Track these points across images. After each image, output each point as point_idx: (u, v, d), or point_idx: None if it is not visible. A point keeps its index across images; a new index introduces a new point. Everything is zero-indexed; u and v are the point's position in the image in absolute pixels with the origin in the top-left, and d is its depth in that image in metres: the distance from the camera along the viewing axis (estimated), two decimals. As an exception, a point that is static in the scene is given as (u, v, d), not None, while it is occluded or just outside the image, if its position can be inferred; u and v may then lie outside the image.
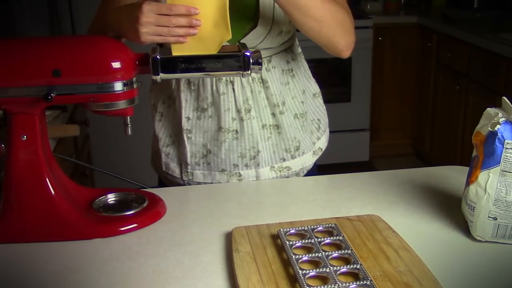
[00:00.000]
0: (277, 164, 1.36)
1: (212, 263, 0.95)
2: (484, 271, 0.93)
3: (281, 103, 1.33)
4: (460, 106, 3.15)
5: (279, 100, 1.32)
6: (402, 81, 3.78)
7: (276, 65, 1.32)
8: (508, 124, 0.96)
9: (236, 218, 1.11)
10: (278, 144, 1.35)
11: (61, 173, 1.10)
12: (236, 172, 1.34)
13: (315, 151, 1.43)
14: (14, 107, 1.01)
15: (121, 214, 1.09)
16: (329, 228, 1.00)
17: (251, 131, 1.31)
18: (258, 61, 1.08)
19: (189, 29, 1.05)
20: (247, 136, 1.31)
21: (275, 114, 1.33)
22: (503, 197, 0.97)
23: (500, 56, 2.71)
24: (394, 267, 0.90)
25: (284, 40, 1.32)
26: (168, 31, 1.04)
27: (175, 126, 1.36)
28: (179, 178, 1.38)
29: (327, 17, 1.17)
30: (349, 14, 1.25)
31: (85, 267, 0.96)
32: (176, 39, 1.06)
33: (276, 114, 1.33)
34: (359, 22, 3.62)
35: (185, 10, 1.04)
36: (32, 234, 1.04)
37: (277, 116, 1.33)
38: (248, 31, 1.25)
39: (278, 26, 1.26)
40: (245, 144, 1.32)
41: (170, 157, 1.39)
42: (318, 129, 1.45)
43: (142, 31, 1.04)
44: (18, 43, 1.06)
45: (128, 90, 1.03)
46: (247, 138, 1.31)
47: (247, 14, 1.25)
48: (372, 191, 1.21)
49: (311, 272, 0.86)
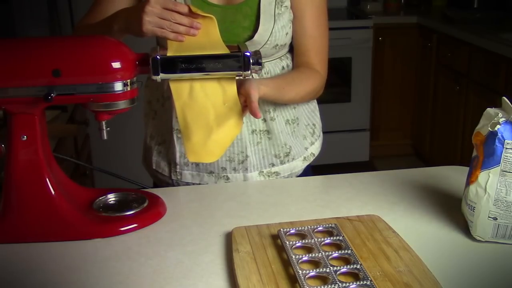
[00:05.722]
0: (265, 169, 1.36)
1: (212, 263, 0.95)
2: (484, 271, 0.93)
3: (272, 109, 1.33)
4: (460, 106, 3.15)
5: (270, 106, 1.33)
6: (402, 81, 3.78)
7: (269, 71, 1.32)
8: (508, 124, 0.96)
9: (236, 218, 1.11)
10: (268, 149, 1.35)
11: (61, 173, 1.10)
12: (224, 175, 1.34)
13: (307, 156, 1.42)
14: (14, 107, 1.01)
15: (121, 214, 1.09)
16: (329, 228, 1.00)
17: (239, 136, 1.31)
18: (258, 61, 1.08)
19: (190, 28, 1.07)
20: (236, 141, 1.31)
21: (265, 119, 1.33)
22: (503, 197, 0.97)
23: (500, 56, 2.71)
24: (394, 267, 0.90)
25: (279, 53, 1.33)
26: (170, 25, 1.07)
27: (167, 125, 1.37)
28: (168, 177, 1.38)
29: (301, 96, 1.32)
30: (320, 73, 1.34)
31: (85, 267, 0.96)
32: (175, 36, 1.08)
33: (267, 119, 1.33)
34: (359, 22, 3.62)
35: (188, 10, 1.09)
36: (32, 234, 1.04)
37: (267, 122, 1.33)
38: (244, 41, 1.26)
39: (274, 40, 1.28)
40: (234, 148, 1.32)
41: (161, 156, 1.39)
42: (312, 134, 1.44)
43: (146, 19, 1.07)
44: (18, 43, 1.06)
45: (128, 90, 1.03)
46: (235, 143, 1.32)
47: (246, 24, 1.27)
48: (372, 191, 1.21)
49: (311, 272, 0.86)
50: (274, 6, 1.27)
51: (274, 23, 1.27)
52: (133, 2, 1.26)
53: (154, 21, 1.07)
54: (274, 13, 1.27)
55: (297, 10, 1.30)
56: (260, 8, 1.26)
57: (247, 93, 1.11)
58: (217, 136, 1.08)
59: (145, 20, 1.08)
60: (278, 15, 1.27)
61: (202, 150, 1.08)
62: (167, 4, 1.08)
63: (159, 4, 1.08)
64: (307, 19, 1.30)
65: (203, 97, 1.08)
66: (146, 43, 1.22)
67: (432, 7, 3.95)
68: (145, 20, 1.08)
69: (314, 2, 1.30)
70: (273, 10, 1.27)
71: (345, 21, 3.67)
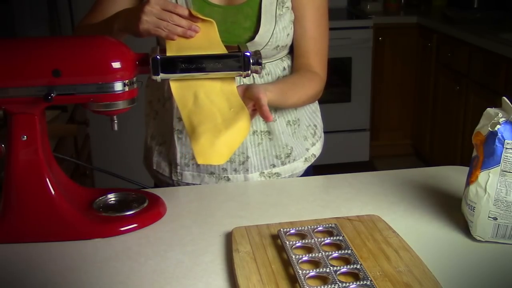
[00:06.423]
0: (266, 170, 1.36)
1: (212, 263, 0.95)
2: (484, 271, 0.93)
3: (273, 110, 1.33)
4: (460, 106, 3.15)
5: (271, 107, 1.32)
6: (402, 81, 3.78)
7: (270, 71, 1.32)
8: (508, 124, 0.96)
9: (236, 218, 1.11)
10: (269, 150, 1.35)
11: (61, 173, 1.10)
12: (224, 176, 1.34)
13: (308, 157, 1.42)
14: (14, 107, 1.01)
15: (121, 214, 1.09)
16: (329, 228, 1.00)
17: None
18: (258, 61, 1.08)
19: (187, 30, 1.07)
20: None
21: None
22: (503, 197, 0.97)
23: (500, 56, 2.71)
24: (394, 267, 0.90)
25: (280, 54, 1.33)
26: (166, 26, 1.08)
27: (168, 126, 1.37)
28: (168, 177, 1.38)
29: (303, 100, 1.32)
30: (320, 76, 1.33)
31: (85, 267, 0.96)
32: (167, 34, 1.08)
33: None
34: (359, 22, 3.62)
35: (188, 13, 1.09)
36: (32, 234, 1.04)
37: (268, 122, 1.33)
38: (245, 41, 1.26)
39: (275, 41, 1.28)
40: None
41: (162, 156, 1.39)
42: (314, 135, 1.44)
43: (144, 18, 1.08)
44: (18, 43, 1.06)
45: (128, 90, 1.03)
46: None
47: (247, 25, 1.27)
48: (372, 191, 1.21)
49: (311, 272, 0.86)
50: (275, 7, 1.27)
51: (275, 24, 1.27)
52: (135, 3, 1.26)
53: (152, 21, 1.08)
54: (275, 14, 1.27)
55: (298, 11, 1.29)
56: (261, 9, 1.26)
57: (255, 97, 1.10)
58: (226, 137, 1.05)
59: (143, 19, 1.08)
60: (279, 16, 1.27)
61: (211, 151, 1.04)
62: (167, 6, 1.08)
63: (159, 5, 1.08)
64: (308, 20, 1.30)
65: (209, 104, 1.07)
66: (146, 43, 1.22)
67: (432, 7, 3.95)
68: (143, 19, 1.08)
69: (315, 3, 1.30)
70: (274, 11, 1.27)
71: (345, 21, 3.67)
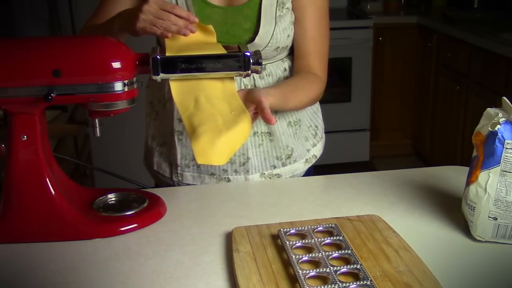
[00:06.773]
0: (267, 171, 1.36)
1: (212, 263, 0.95)
2: (484, 271, 0.93)
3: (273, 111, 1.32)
4: (460, 106, 3.15)
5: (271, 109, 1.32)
6: (402, 81, 3.78)
7: (271, 72, 1.32)
8: (508, 124, 0.96)
9: (236, 218, 1.11)
10: (270, 151, 1.35)
11: (61, 173, 1.10)
12: (225, 177, 1.34)
13: (308, 158, 1.42)
14: (14, 107, 1.01)
15: (121, 214, 1.09)
16: (329, 228, 1.00)
17: None
18: (258, 61, 1.08)
19: (181, 28, 1.09)
20: None
21: None
22: (503, 197, 0.97)
23: (500, 56, 2.71)
24: (394, 267, 0.90)
25: (280, 55, 1.33)
26: (162, 24, 1.08)
27: (168, 127, 1.37)
28: (169, 178, 1.38)
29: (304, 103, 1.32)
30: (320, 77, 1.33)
31: (85, 267, 0.96)
32: (162, 32, 1.08)
33: None
34: (359, 22, 3.62)
35: (185, 15, 1.09)
36: (32, 234, 1.04)
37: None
38: (245, 43, 1.26)
39: (275, 42, 1.28)
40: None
41: (163, 157, 1.39)
42: (315, 135, 1.44)
43: (141, 17, 1.09)
44: (18, 43, 1.06)
45: (128, 90, 1.03)
46: None
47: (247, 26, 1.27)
48: (372, 191, 1.21)
49: (311, 272, 0.86)
50: (275, 8, 1.26)
51: (275, 25, 1.26)
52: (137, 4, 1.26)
53: (149, 19, 1.08)
54: (275, 15, 1.26)
55: (298, 11, 1.29)
56: (261, 10, 1.26)
57: (257, 101, 1.10)
58: (226, 138, 1.04)
59: (141, 18, 1.09)
60: (279, 17, 1.27)
61: (211, 151, 1.03)
62: (165, 6, 1.09)
63: (157, 5, 1.08)
64: (308, 21, 1.30)
65: (210, 108, 1.07)
66: (146, 43, 1.22)
67: (432, 7, 3.95)
68: (141, 18, 1.09)
69: (316, 4, 1.30)
70: (274, 12, 1.26)
71: (345, 21, 3.67)
